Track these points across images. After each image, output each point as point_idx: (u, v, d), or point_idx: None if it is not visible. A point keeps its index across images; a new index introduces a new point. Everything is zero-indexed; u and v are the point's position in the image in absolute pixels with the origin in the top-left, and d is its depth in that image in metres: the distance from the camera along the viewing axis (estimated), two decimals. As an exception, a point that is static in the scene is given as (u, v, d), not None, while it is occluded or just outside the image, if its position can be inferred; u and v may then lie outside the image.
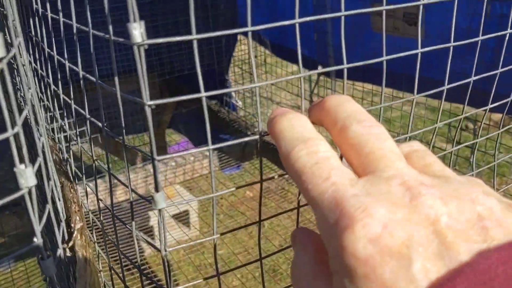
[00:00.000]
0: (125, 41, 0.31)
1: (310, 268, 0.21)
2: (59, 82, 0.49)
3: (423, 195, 0.18)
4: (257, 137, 0.34)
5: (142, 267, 0.37)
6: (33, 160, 0.34)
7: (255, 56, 1.91)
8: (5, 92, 0.33)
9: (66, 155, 0.52)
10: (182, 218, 2.29)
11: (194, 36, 0.32)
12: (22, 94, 0.38)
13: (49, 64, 0.52)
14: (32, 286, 1.48)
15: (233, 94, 1.99)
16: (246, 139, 0.36)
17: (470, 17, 1.14)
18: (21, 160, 0.33)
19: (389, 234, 0.17)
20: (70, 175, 0.52)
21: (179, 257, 2.28)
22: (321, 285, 0.20)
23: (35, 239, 0.35)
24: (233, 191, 2.70)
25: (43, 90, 0.59)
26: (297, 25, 0.33)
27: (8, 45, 0.41)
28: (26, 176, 0.33)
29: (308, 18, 0.32)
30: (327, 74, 1.69)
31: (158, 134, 2.05)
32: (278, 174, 0.35)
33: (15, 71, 0.38)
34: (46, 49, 0.51)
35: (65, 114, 0.50)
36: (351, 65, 0.36)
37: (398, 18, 1.30)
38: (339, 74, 1.70)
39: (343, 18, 0.34)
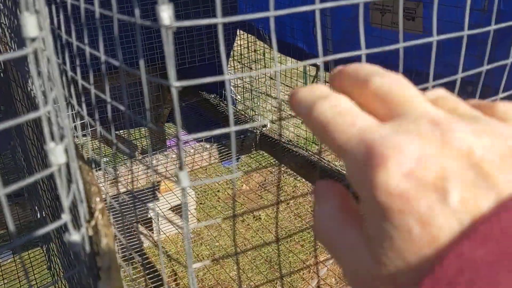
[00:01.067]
0: (153, 24, 0.32)
1: (336, 216, 0.21)
2: (77, 69, 0.50)
3: (453, 129, 0.17)
4: (257, 123, 0.36)
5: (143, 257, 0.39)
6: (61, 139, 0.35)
7: (254, 51, 1.93)
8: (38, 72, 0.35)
9: (83, 140, 0.54)
10: (180, 210, 2.30)
11: (220, 19, 0.34)
12: (49, 76, 0.39)
13: (66, 52, 0.54)
14: (35, 275, 1.49)
15: (232, 88, 2.01)
16: (250, 124, 0.37)
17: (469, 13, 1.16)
18: (52, 139, 0.35)
19: (423, 167, 0.17)
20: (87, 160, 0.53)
21: (177, 249, 2.30)
22: (349, 231, 0.20)
23: (63, 215, 0.36)
24: (230, 186, 2.71)
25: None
26: (317, 11, 0.35)
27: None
28: (56, 154, 0.34)
29: (328, 4, 0.33)
30: (326, 69, 1.70)
31: (157, 127, 2.06)
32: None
33: (43, 52, 0.39)
34: (64, 36, 0.52)
35: (83, 99, 0.51)
36: (368, 51, 0.37)
37: (397, 13, 1.32)
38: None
39: (361, 5, 0.36)
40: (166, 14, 0.31)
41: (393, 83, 0.21)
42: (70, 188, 0.39)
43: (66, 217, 0.34)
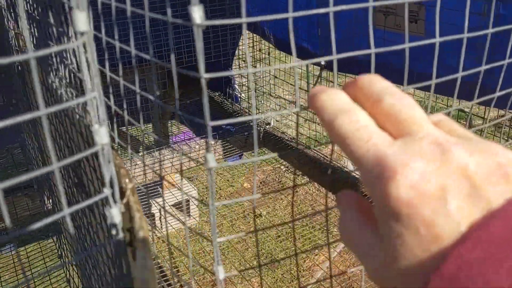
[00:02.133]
0: (186, 23, 0.36)
1: (357, 220, 0.24)
2: (106, 63, 0.54)
3: (452, 149, 0.21)
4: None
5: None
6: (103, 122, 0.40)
7: (259, 50, 1.96)
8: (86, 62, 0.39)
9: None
10: (182, 207, 2.34)
11: (244, 19, 0.38)
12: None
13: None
14: (33, 269, 1.52)
15: (236, 86, 2.05)
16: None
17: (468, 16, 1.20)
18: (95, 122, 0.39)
19: (426, 180, 0.20)
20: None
21: (178, 245, 2.33)
22: (367, 232, 0.23)
23: (105, 189, 0.40)
24: (232, 183, 2.74)
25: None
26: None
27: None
28: (101, 135, 0.38)
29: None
30: (329, 68, 1.74)
31: (162, 123, 2.10)
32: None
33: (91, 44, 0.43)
34: (93, 32, 0.56)
35: (111, 91, 0.55)
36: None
37: (400, 15, 1.36)
38: (340, 68, 1.75)
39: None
40: (197, 14, 0.35)
41: (403, 104, 0.24)
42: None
43: (107, 191, 0.38)
